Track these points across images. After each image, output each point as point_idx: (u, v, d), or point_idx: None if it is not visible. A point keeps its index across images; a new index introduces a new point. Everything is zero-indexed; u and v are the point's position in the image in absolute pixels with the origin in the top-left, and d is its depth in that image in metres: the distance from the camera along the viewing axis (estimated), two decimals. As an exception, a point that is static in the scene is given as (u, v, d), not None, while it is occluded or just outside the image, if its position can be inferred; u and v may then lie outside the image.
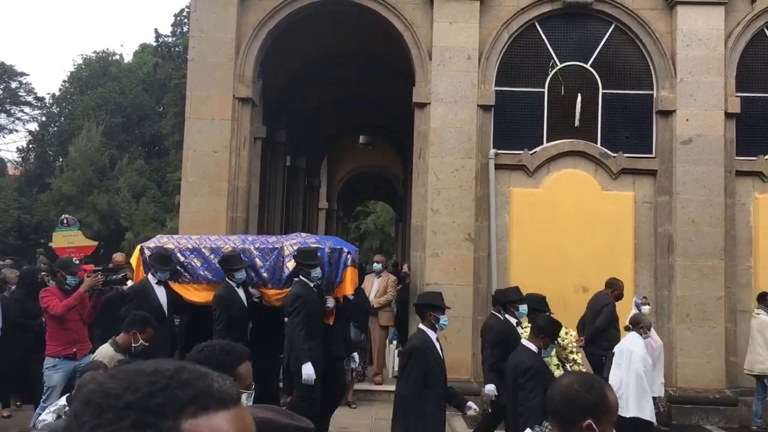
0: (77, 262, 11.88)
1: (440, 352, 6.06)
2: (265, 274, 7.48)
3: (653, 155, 10.49)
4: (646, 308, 9.12)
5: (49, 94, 46.36)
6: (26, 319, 8.30)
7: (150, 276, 7.31)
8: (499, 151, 10.36)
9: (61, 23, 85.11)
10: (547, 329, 5.65)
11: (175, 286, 7.49)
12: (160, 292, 7.24)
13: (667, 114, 10.39)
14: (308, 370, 6.67)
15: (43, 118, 45.07)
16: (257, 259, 7.48)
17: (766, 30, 10.61)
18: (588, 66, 10.56)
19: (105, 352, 5.76)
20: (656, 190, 10.41)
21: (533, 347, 5.64)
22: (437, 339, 6.13)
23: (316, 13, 11.00)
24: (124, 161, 38.99)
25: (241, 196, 10.63)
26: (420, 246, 10.28)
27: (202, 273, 7.50)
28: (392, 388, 7.04)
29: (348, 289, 7.56)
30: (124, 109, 41.59)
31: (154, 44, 40.56)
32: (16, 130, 47.59)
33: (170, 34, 38.74)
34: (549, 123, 10.52)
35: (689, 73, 10.29)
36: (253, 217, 11.51)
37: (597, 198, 10.33)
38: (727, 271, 10.09)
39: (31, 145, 43.80)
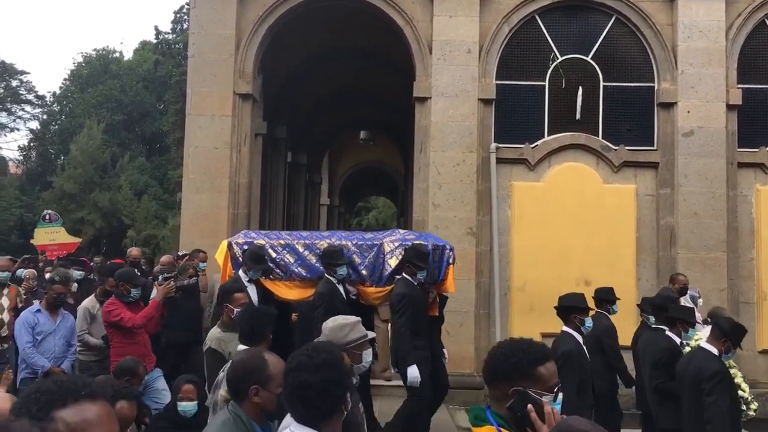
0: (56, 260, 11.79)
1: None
2: (363, 272, 7.22)
3: (655, 148, 10.47)
4: (701, 301, 8.88)
5: (50, 92, 46.49)
6: None
7: (241, 273, 7.00)
8: (501, 145, 10.34)
9: (61, 21, 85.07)
10: (731, 334, 5.21)
11: (267, 283, 7.21)
12: (252, 291, 6.90)
13: (668, 106, 10.37)
14: (413, 373, 6.49)
15: (44, 117, 45.11)
16: (355, 256, 7.22)
17: (767, 21, 10.58)
18: (589, 59, 10.53)
19: (213, 334, 5.51)
20: (658, 182, 10.39)
21: (714, 350, 5.19)
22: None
23: (315, 8, 10.98)
24: (125, 159, 39.01)
25: (243, 193, 10.63)
26: (422, 241, 10.26)
27: (295, 270, 7.23)
28: (401, 383, 6.99)
29: (450, 287, 7.33)
30: (125, 107, 41.60)
31: (155, 41, 40.54)
32: (18, 129, 47.76)
33: (170, 31, 38.72)
34: (550, 116, 10.50)
35: (690, 64, 10.27)
36: (254, 214, 11.51)
37: (599, 191, 10.32)
38: (730, 263, 10.08)
39: (32, 144, 43.86)
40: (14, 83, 43.44)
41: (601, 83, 10.50)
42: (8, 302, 7.93)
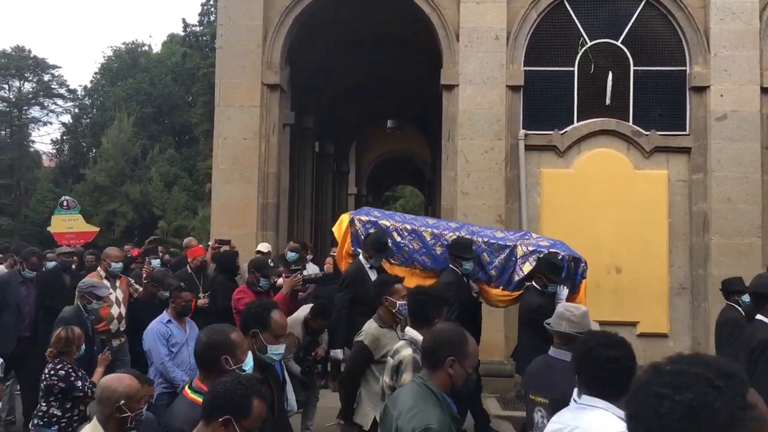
0: (73, 248, 11.38)
1: None
2: (492, 272, 6.97)
3: (687, 132, 10.31)
4: None
5: (81, 86, 47.21)
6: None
7: (362, 259, 6.80)
8: (529, 132, 10.26)
9: (91, 16, 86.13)
10: None
11: (386, 266, 6.99)
12: (372, 275, 6.73)
13: (700, 90, 10.19)
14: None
15: (76, 110, 45.85)
16: (485, 254, 6.99)
17: (803, 1, 10.32)
18: (619, 43, 10.38)
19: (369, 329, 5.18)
20: (690, 167, 10.23)
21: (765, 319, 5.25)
22: None
23: (342, -3, 10.98)
24: (155, 151, 39.51)
25: (272, 183, 10.70)
26: (450, 229, 10.25)
27: (419, 258, 7.03)
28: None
29: (583, 301, 6.95)
30: (154, 100, 42.09)
31: (182, 34, 40.87)
32: (50, 123, 48.50)
33: (197, 24, 39.04)
34: (579, 102, 10.38)
35: (723, 47, 10.06)
36: (283, 203, 11.59)
37: (629, 177, 10.19)
38: (765, 249, 9.89)
39: (64, 137, 44.63)
40: (46, 78, 44.23)
41: (632, 68, 10.35)
42: (122, 294, 7.53)
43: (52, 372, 5.19)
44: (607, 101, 10.27)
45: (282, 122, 11.17)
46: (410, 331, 4.25)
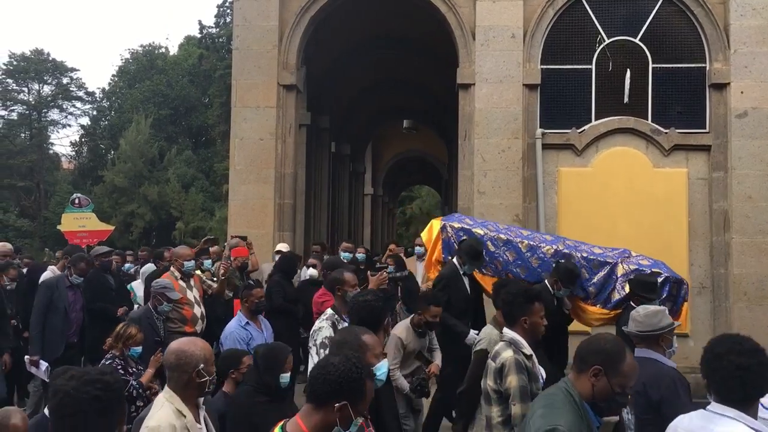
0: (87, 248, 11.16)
1: None
2: (591, 289, 6.77)
3: (707, 130, 10.19)
4: None
5: (99, 88, 47.57)
6: (286, 301, 7.93)
7: (456, 262, 6.74)
8: (546, 131, 10.19)
9: (108, 19, 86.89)
10: None
11: (477, 276, 6.88)
12: (465, 282, 6.74)
13: (720, 87, 10.06)
14: None
15: (94, 113, 46.24)
16: (584, 270, 6.77)
17: (825, -4, 10.16)
18: (637, 40, 10.28)
19: (491, 334, 5.09)
20: (711, 165, 10.11)
21: None
22: None
23: (357, -3, 10.98)
24: (172, 152, 39.76)
25: (288, 183, 10.72)
26: (467, 228, 10.20)
27: (513, 269, 6.85)
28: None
29: (684, 324, 6.82)
30: (171, 101, 42.34)
31: (198, 36, 41.06)
32: (69, 125, 48.87)
33: (214, 26, 39.17)
34: (597, 100, 10.29)
35: (743, 44, 9.94)
36: (300, 204, 11.60)
37: (648, 175, 10.09)
38: (787, 248, 9.76)
39: (83, 139, 45.03)
40: (65, 80, 44.63)
41: (650, 65, 10.24)
42: (198, 292, 7.33)
43: (101, 364, 5.32)
44: (626, 99, 10.18)
45: (298, 123, 11.19)
46: (508, 332, 4.18)
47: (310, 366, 4.79)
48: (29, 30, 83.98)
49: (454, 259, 6.77)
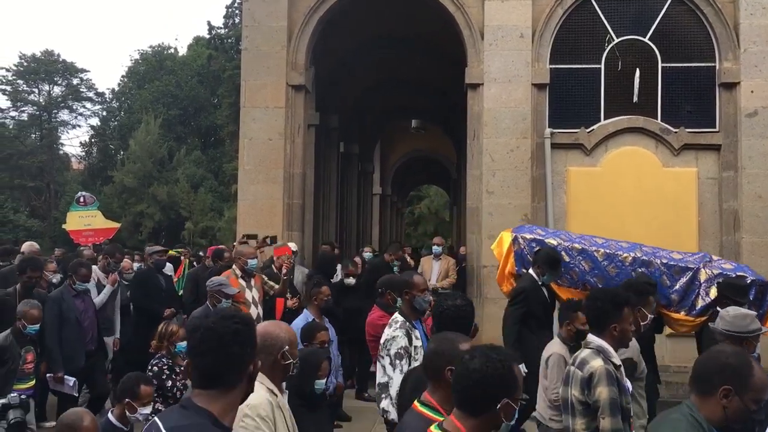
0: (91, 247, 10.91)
1: None
2: (673, 296, 6.59)
3: (717, 129, 10.14)
4: None
5: (108, 89, 47.72)
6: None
7: (533, 273, 6.54)
8: (555, 130, 10.18)
9: (117, 20, 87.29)
10: None
11: (553, 286, 6.74)
12: (545, 293, 6.60)
13: (730, 86, 10.02)
14: None
15: (104, 113, 46.49)
16: (665, 277, 6.61)
17: (836, -6, 10.10)
18: (646, 39, 10.24)
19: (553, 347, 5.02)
20: (720, 165, 10.07)
21: None
22: None
23: (365, -3, 10.99)
24: (181, 153, 39.92)
25: (297, 183, 10.75)
26: (476, 228, 10.22)
27: (590, 279, 6.69)
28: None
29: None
30: (181, 102, 42.51)
31: (207, 37, 41.18)
32: (79, 126, 49.15)
33: (223, 26, 39.26)
34: (606, 99, 10.27)
35: (753, 42, 9.89)
36: (308, 204, 11.63)
37: (658, 175, 10.05)
38: (798, 248, 9.71)
39: (93, 140, 45.29)
40: (75, 81, 44.88)
41: (660, 64, 10.21)
42: (257, 294, 7.12)
43: (149, 366, 5.36)
44: (635, 98, 10.15)
45: (307, 123, 11.21)
46: (594, 339, 3.95)
47: (379, 377, 4.59)
48: (40, 31, 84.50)
49: (530, 271, 6.57)
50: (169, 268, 10.10)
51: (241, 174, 10.69)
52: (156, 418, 2.19)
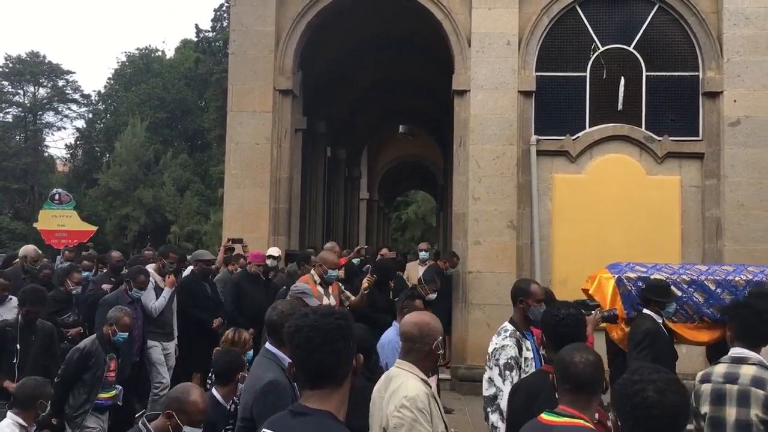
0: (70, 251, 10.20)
1: None
2: None
3: (700, 138, 10.26)
4: None
5: (95, 91, 47.61)
6: (374, 311, 7.63)
7: (650, 312, 5.98)
8: (541, 137, 10.25)
9: (104, 22, 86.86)
10: None
11: (669, 324, 6.25)
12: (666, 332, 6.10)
13: (713, 95, 10.15)
14: None
15: (90, 115, 46.22)
16: None
17: (817, 6, 10.26)
18: (631, 48, 10.35)
19: None
20: (703, 173, 10.18)
21: None
22: None
23: (353, 3, 11.03)
24: (168, 156, 39.77)
25: (284, 188, 10.75)
26: (462, 234, 10.26)
27: (707, 311, 6.25)
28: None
29: None
30: (167, 105, 42.36)
31: (195, 40, 41.13)
32: (64, 128, 48.82)
33: (210, 29, 39.26)
34: (591, 107, 10.36)
35: (736, 52, 10.02)
36: (295, 208, 11.63)
37: (642, 183, 10.15)
38: (779, 256, 9.82)
39: (78, 142, 45.02)
40: (61, 83, 44.62)
41: (644, 73, 10.32)
42: (335, 302, 6.83)
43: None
44: (620, 106, 10.25)
45: (294, 127, 11.22)
46: (748, 353, 3.75)
47: (486, 389, 4.34)
48: (25, 32, 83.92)
49: (645, 311, 6.04)
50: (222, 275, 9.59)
51: (227, 178, 10.68)
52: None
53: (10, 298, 6.90)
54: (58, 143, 69.12)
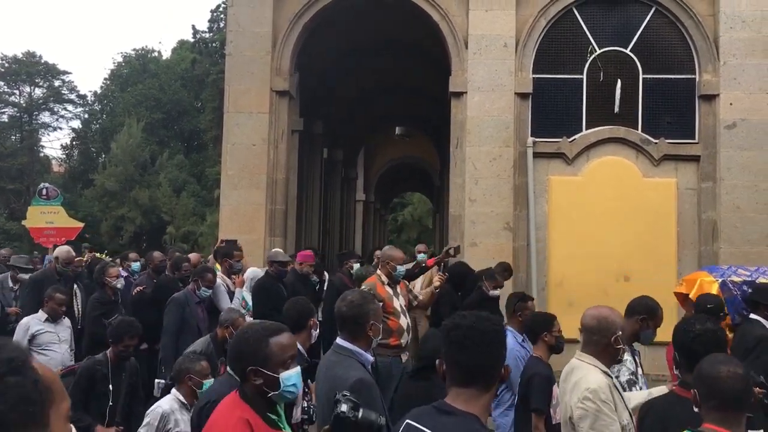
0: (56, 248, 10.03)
1: None
2: None
3: (696, 140, 10.28)
4: None
5: (91, 91, 47.52)
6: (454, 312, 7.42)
7: (758, 317, 5.75)
8: (537, 139, 10.26)
9: (101, 22, 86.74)
10: None
11: None
12: None
13: (710, 98, 10.16)
14: None
15: (86, 116, 46.15)
16: None
17: (813, 9, 10.29)
18: (628, 51, 10.37)
19: None
20: (699, 176, 10.20)
21: None
22: None
23: (351, 4, 11.03)
24: (164, 156, 39.72)
25: (280, 189, 10.73)
26: (458, 236, 10.26)
27: None
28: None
29: None
30: (164, 106, 42.31)
31: (192, 40, 41.07)
32: (60, 128, 49.03)
33: (207, 30, 39.23)
34: (588, 110, 10.38)
35: (733, 56, 10.05)
36: (291, 210, 11.62)
37: (638, 185, 10.17)
38: (774, 258, 9.84)
39: (74, 142, 44.91)
40: (57, 83, 44.54)
41: (641, 75, 10.34)
42: (404, 301, 6.51)
43: None
44: (616, 109, 10.26)
45: (290, 128, 11.21)
46: None
47: (628, 406, 3.80)
48: (21, 32, 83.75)
49: (753, 316, 5.78)
50: (256, 273, 9.17)
51: (223, 179, 10.66)
52: (421, 426, 2.20)
53: (64, 317, 6.60)
54: (54, 144, 69.18)
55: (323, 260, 12.93)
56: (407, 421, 2.26)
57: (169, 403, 4.67)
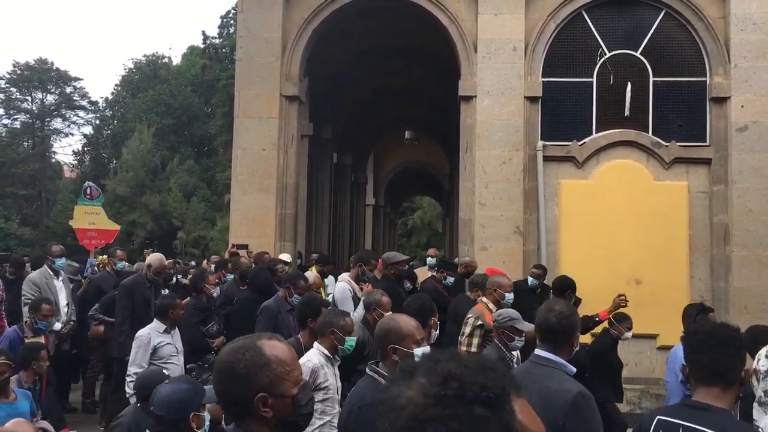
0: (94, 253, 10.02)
1: None
2: None
3: (707, 143, 10.22)
4: None
5: (102, 98, 47.83)
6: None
7: None
8: (547, 143, 10.23)
9: (112, 29, 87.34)
10: None
11: None
12: None
13: (721, 101, 10.11)
14: None
15: (97, 122, 46.45)
16: None
17: (825, 11, 10.22)
18: (638, 54, 10.33)
19: None
20: (711, 179, 10.14)
21: None
22: None
23: (360, 9, 11.05)
24: (174, 162, 39.91)
25: (290, 193, 10.75)
26: (468, 240, 10.24)
27: None
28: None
29: None
30: (174, 111, 42.53)
31: (202, 46, 41.26)
32: (72, 134, 49.50)
33: (217, 36, 39.40)
34: (598, 113, 10.34)
35: (744, 58, 9.99)
36: (301, 214, 11.63)
37: (649, 188, 10.12)
38: (788, 262, 9.76)
39: (86, 148, 45.22)
40: (68, 90, 44.85)
41: (651, 78, 10.30)
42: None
43: None
44: (626, 112, 10.22)
45: (300, 133, 11.23)
46: None
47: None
48: (33, 39, 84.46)
49: None
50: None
51: (233, 184, 10.69)
52: (678, 420, 2.51)
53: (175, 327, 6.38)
54: (66, 149, 69.63)
55: (334, 264, 12.91)
56: (658, 417, 2.58)
57: (317, 356, 4.52)
